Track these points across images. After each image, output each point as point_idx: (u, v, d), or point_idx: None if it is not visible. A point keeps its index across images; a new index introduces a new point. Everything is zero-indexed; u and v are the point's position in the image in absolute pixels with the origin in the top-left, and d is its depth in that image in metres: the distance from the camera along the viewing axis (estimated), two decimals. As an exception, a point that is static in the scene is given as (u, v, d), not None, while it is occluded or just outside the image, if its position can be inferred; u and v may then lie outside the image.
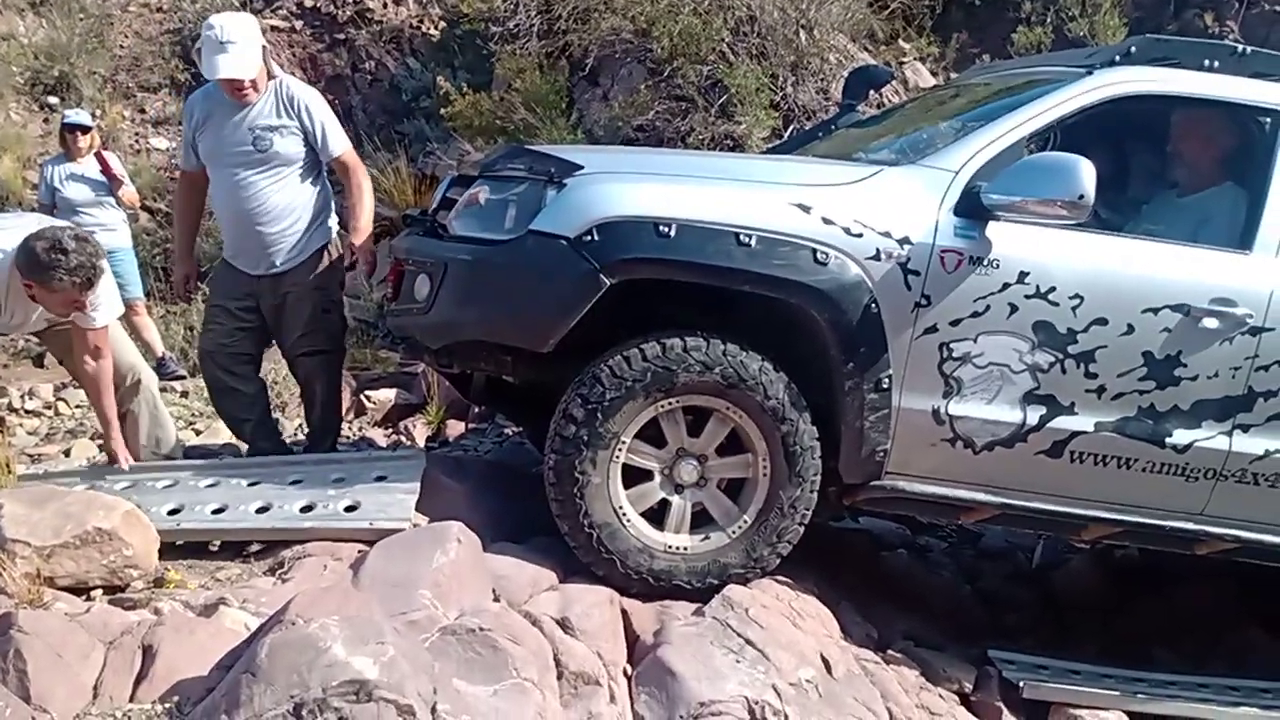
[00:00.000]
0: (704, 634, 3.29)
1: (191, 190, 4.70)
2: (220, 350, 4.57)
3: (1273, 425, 3.66)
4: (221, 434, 5.87)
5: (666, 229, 3.38)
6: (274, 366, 5.68)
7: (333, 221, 4.61)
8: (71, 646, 2.78)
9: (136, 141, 9.96)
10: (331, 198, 4.62)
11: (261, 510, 3.75)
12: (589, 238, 3.38)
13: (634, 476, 3.52)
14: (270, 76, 4.39)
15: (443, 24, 9.50)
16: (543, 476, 3.54)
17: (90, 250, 3.78)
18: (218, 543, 3.74)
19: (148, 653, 2.82)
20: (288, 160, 4.37)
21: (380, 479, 3.87)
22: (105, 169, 7.19)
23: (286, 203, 4.40)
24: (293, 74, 9.38)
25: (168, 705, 2.66)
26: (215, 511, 3.76)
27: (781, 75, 7.47)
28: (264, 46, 4.37)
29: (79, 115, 7.47)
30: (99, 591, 3.35)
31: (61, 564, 3.29)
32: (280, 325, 4.56)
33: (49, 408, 6.97)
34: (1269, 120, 3.79)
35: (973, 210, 3.50)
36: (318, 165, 4.50)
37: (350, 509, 3.70)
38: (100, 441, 6.05)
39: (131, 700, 2.71)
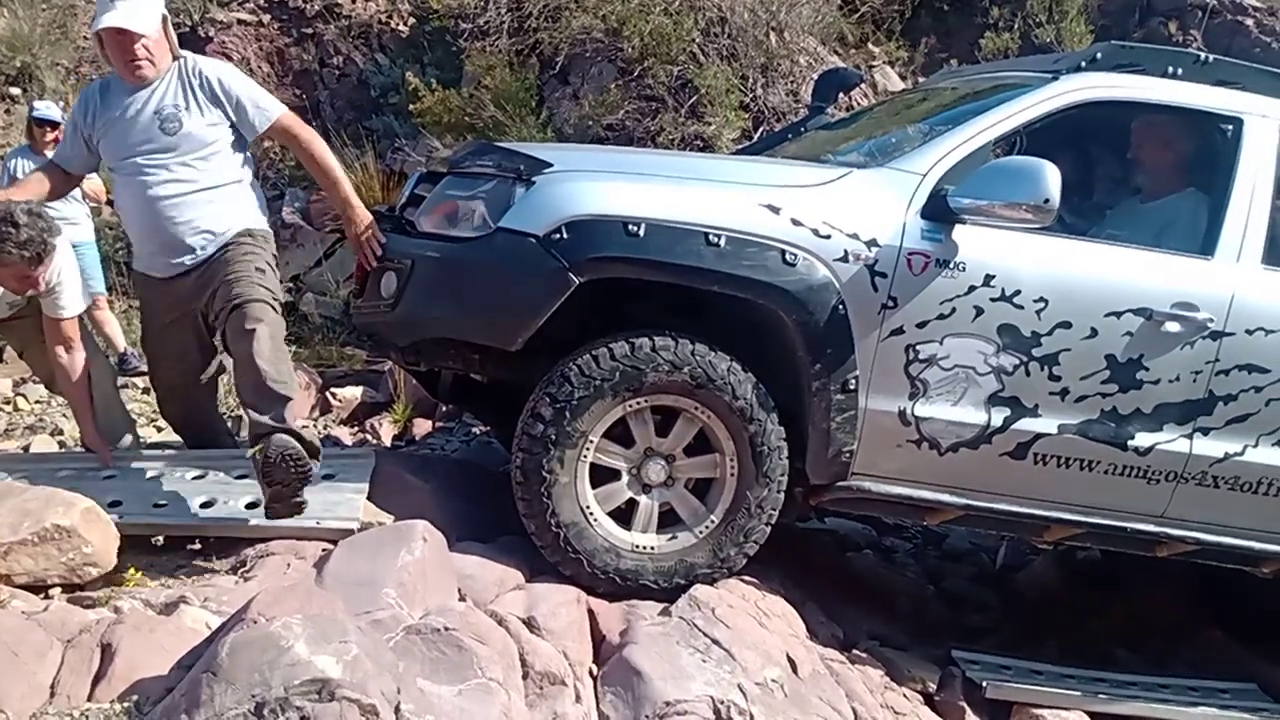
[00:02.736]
0: (670, 634, 3.29)
1: (59, 186, 4.11)
2: (190, 386, 4.19)
3: (1232, 429, 3.71)
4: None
5: (635, 228, 3.37)
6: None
7: (262, 219, 4.04)
8: (28, 645, 2.74)
9: (100, 134, 9.83)
10: (262, 198, 4.11)
11: (206, 505, 3.69)
12: (558, 236, 3.38)
13: (601, 476, 3.52)
14: (175, 57, 3.91)
15: (412, 20, 9.45)
16: (510, 475, 3.53)
17: (42, 225, 3.70)
18: (162, 538, 3.68)
19: (106, 651, 2.78)
20: (200, 143, 3.84)
21: (328, 477, 3.80)
22: None
23: (202, 187, 3.85)
24: (259, 68, 9.37)
25: (126, 705, 2.62)
26: (157, 506, 3.70)
27: (751, 77, 7.49)
28: (164, 16, 3.89)
29: (49, 109, 7.36)
30: (57, 589, 3.30)
31: (19, 561, 3.24)
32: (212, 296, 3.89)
33: (8, 403, 6.87)
34: (1231, 127, 3.84)
35: (939, 213, 3.52)
36: (240, 152, 3.95)
37: None
38: (59, 438, 5.99)
39: (90, 700, 2.68)
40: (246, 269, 3.80)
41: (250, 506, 3.66)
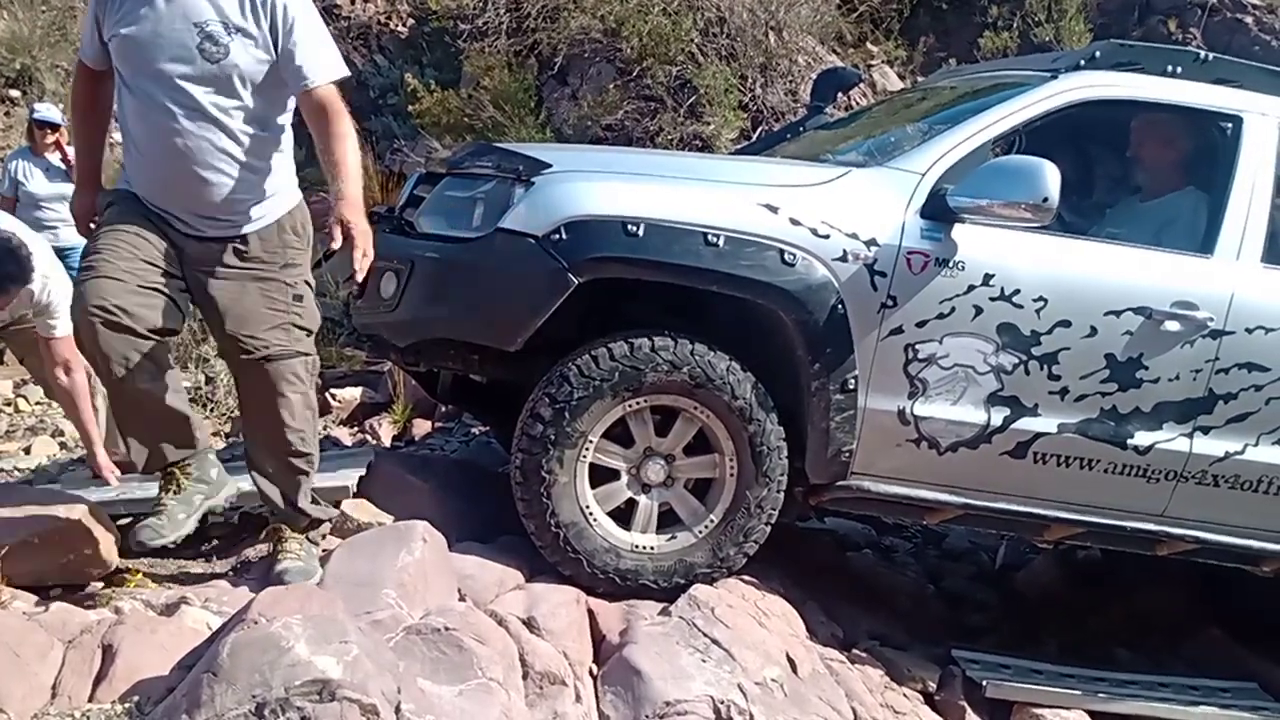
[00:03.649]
0: (670, 633, 3.29)
1: (93, 90, 3.28)
2: (125, 283, 3.03)
3: (1232, 427, 3.71)
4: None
5: (634, 228, 3.38)
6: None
7: (297, 188, 3.35)
8: (30, 646, 2.74)
9: (99, 136, 9.84)
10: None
11: None
12: (557, 236, 3.38)
13: (601, 476, 3.52)
14: None
15: (411, 21, 9.46)
16: (509, 476, 3.54)
17: (13, 267, 3.68)
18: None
19: (108, 652, 2.78)
20: (248, 77, 3.06)
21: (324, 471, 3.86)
22: (65, 159, 7.10)
23: (246, 141, 3.11)
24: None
25: (128, 705, 2.62)
26: None
27: (750, 76, 7.49)
28: None
29: (50, 111, 7.37)
30: (58, 590, 3.31)
31: (20, 562, 3.25)
32: (229, 314, 3.21)
33: (8, 404, 6.88)
34: (1230, 126, 3.84)
35: (938, 212, 3.52)
36: (287, 98, 3.18)
37: None
38: (60, 439, 6.00)
39: (91, 700, 2.68)
40: (283, 297, 3.23)
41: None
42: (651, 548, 3.54)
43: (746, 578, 3.70)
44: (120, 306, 2.99)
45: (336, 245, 3.02)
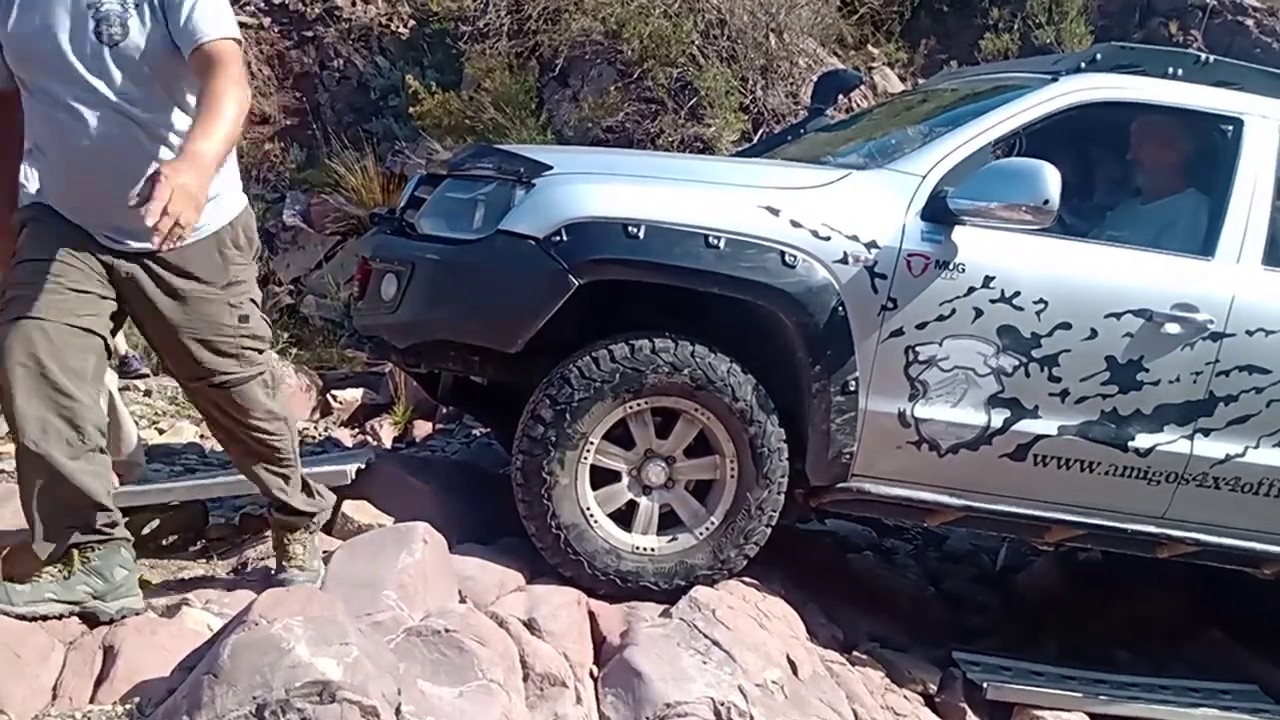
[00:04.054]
0: (671, 635, 3.29)
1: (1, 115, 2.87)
2: (54, 325, 2.69)
3: (1233, 430, 3.71)
4: (185, 433, 5.81)
5: (635, 230, 3.38)
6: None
7: (237, 186, 2.96)
8: (30, 647, 2.74)
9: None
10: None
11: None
12: (557, 238, 3.38)
13: (602, 478, 3.52)
14: None
15: (412, 22, 9.46)
16: (510, 477, 3.54)
17: None
18: (164, 541, 3.72)
19: (108, 653, 2.79)
20: (155, 59, 2.68)
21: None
22: None
23: (161, 136, 2.71)
24: (260, 71, 9.38)
25: (128, 706, 2.62)
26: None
27: (751, 78, 7.49)
28: None
29: None
30: (59, 591, 3.30)
31: (21, 562, 3.24)
32: (168, 339, 2.92)
33: (9, 405, 6.87)
34: (1231, 128, 3.85)
35: (939, 215, 3.53)
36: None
37: None
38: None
39: (92, 701, 2.68)
40: (229, 321, 2.90)
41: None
42: (652, 549, 3.54)
43: (747, 579, 3.70)
44: (49, 358, 2.67)
45: (133, 195, 2.41)
